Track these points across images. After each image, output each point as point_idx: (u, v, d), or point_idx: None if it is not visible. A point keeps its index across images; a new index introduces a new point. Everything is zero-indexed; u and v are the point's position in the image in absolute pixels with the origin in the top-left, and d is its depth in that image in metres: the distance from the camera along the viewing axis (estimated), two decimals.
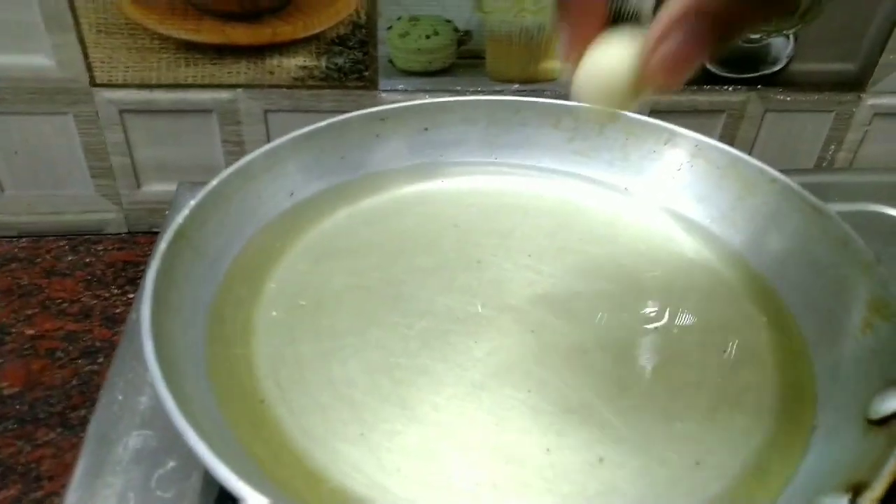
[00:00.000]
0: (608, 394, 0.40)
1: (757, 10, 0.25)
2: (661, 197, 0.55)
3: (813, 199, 0.47)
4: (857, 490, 0.31)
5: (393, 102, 0.55)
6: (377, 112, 0.54)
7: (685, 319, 0.45)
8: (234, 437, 0.35)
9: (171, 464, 0.39)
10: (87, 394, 0.55)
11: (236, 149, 0.68)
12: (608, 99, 0.30)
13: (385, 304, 0.45)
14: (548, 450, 0.37)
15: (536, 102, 0.56)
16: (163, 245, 0.40)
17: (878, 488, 0.31)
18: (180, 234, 0.41)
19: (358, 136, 0.54)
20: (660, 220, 0.53)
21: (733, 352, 0.43)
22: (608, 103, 0.30)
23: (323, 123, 0.52)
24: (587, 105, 0.31)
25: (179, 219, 0.42)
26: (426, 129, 0.56)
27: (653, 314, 0.45)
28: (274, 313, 0.44)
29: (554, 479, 0.36)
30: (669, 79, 0.27)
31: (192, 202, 0.43)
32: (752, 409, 0.40)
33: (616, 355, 0.42)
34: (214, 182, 0.45)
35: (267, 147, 0.49)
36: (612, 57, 0.29)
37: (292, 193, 0.51)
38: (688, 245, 0.51)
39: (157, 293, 0.37)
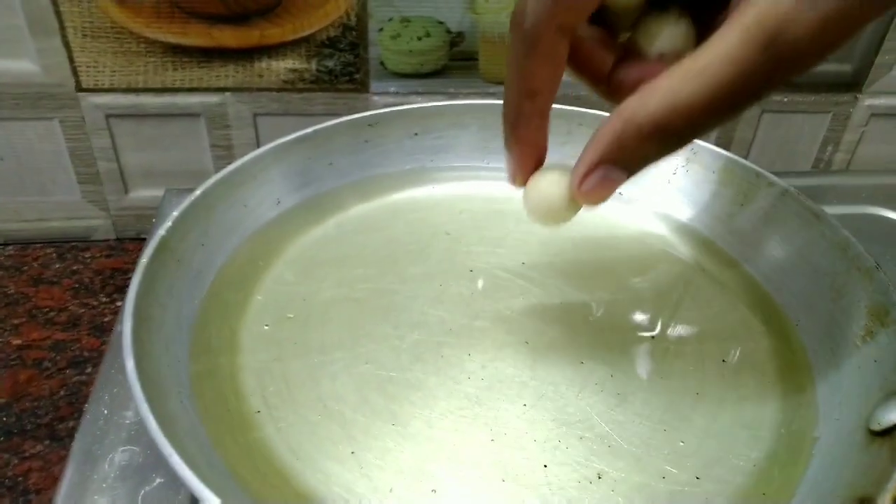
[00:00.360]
0: (606, 406, 0.39)
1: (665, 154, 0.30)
2: (656, 202, 0.54)
3: (811, 203, 0.46)
4: None
5: (385, 105, 0.54)
6: (365, 117, 0.53)
7: (683, 328, 0.45)
8: (220, 457, 0.34)
9: (158, 480, 0.38)
10: (75, 404, 0.55)
11: (225, 153, 0.67)
12: (550, 215, 0.36)
13: (375, 316, 0.44)
14: (545, 466, 0.36)
15: None
16: (144, 259, 0.39)
17: None
18: (162, 246, 0.40)
19: (346, 142, 0.53)
20: (655, 226, 0.53)
21: (732, 361, 0.43)
22: (550, 218, 0.37)
23: (310, 130, 0.51)
24: (534, 219, 0.37)
25: (161, 231, 0.41)
26: (416, 133, 0.55)
27: (650, 323, 0.45)
28: (261, 327, 0.43)
29: (552, 496, 0.35)
30: (594, 202, 0.34)
31: (175, 213, 0.42)
32: (753, 420, 0.39)
33: (613, 366, 0.42)
34: (197, 192, 0.44)
35: (252, 154, 0.48)
36: (549, 184, 0.36)
37: (279, 201, 0.50)
38: (684, 251, 0.51)
39: (138, 309, 0.36)
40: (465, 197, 0.54)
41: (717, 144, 0.62)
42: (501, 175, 0.55)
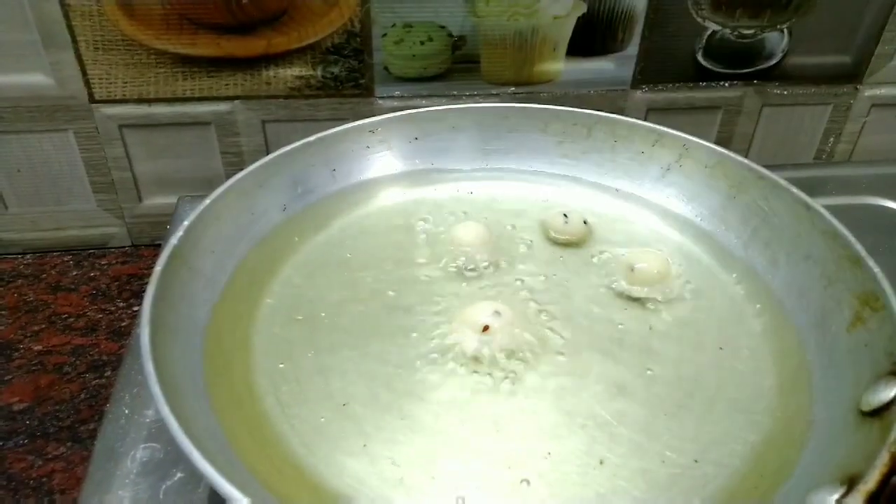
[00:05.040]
0: (606, 395, 0.41)
1: None
2: (651, 197, 0.55)
3: (801, 194, 0.47)
4: (851, 482, 0.32)
5: (389, 109, 0.55)
6: (366, 124, 0.54)
7: (679, 318, 0.46)
8: (237, 454, 0.36)
9: (179, 475, 0.39)
10: (95, 407, 0.56)
11: (236, 160, 0.68)
12: None
13: (381, 315, 0.45)
14: (548, 454, 0.38)
15: (524, 108, 0.56)
16: (158, 268, 0.40)
17: (871, 480, 0.31)
18: (175, 255, 0.42)
19: (348, 148, 0.54)
20: (651, 220, 0.54)
21: (728, 348, 0.44)
22: None
23: (312, 138, 0.52)
24: None
25: (174, 240, 0.42)
26: (416, 138, 0.56)
27: (647, 314, 0.46)
28: (271, 329, 0.44)
29: (556, 483, 0.36)
30: None
31: (186, 222, 0.44)
32: (749, 405, 0.40)
33: (612, 356, 0.43)
34: (207, 201, 0.46)
35: (257, 164, 0.49)
36: None
37: (285, 208, 0.51)
38: (679, 244, 0.52)
39: (154, 316, 0.38)
40: (465, 198, 0.55)
41: (719, 139, 0.63)
42: (500, 175, 0.57)
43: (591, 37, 0.67)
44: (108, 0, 0.59)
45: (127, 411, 0.43)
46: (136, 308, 0.64)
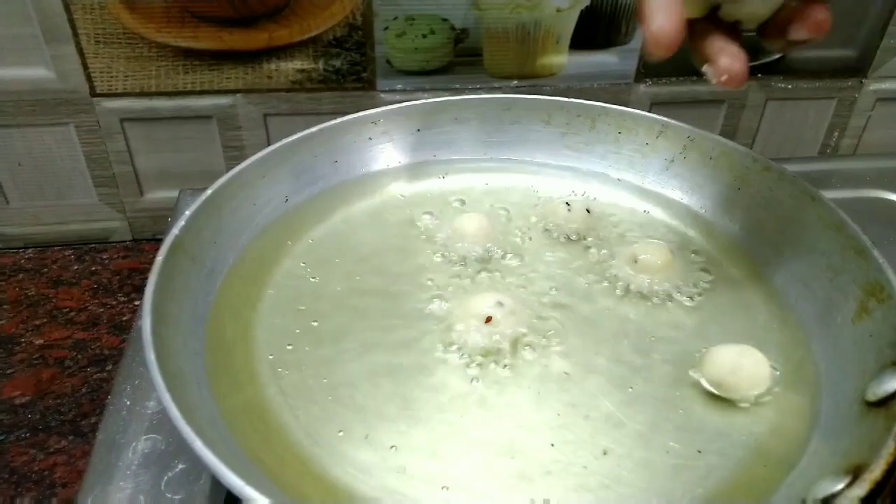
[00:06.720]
0: (610, 386, 0.40)
1: None
2: (656, 188, 0.55)
3: (807, 186, 0.47)
4: (857, 472, 0.32)
5: (392, 103, 0.55)
6: (368, 115, 0.54)
7: (683, 309, 0.46)
8: (239, 444, 0.36)
9: (180, 466, 0.39)
10: (97, 401, 0.56)
11: (237, 154, 0.68)
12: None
13: (384, 306, 0.45)
14: (552, 444, 0.37)
15: (527, 99, 0.56)
16: (159, 258, 0.40)
17: (876, 469, 0.31)
18: (177, 245, 0.42)
19: (350, 139, 0.54)
20: (655, 212, 0.54)
21: (733, 340, 0.43)
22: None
23: (314, 129, 0.52)
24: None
25: (175, 230, 0.42)
26: (418, 129, 0.56)
27: (650, 304, 0.46)
28: (273, 320, 0.44)
29: (559, 473, 0.36)
30: None
31: (188, 212, 0.44)
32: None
33: (615, 346, 0.43)
34: (209, 192, 0.46)
35: (260, 154, 0.49)
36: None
37: (287, 199, 0.51)
38: (684, 235, 0.51)
39: (156, 306, 0.38)
40: (468, 189, 0.55)
41: (723, 133, 0.63)
42: (503, 166, 0.57)
43: (595, 30, 0.66)
44: None
45: (128, 403, 0.43)
46: (137, 302, 0.64)
